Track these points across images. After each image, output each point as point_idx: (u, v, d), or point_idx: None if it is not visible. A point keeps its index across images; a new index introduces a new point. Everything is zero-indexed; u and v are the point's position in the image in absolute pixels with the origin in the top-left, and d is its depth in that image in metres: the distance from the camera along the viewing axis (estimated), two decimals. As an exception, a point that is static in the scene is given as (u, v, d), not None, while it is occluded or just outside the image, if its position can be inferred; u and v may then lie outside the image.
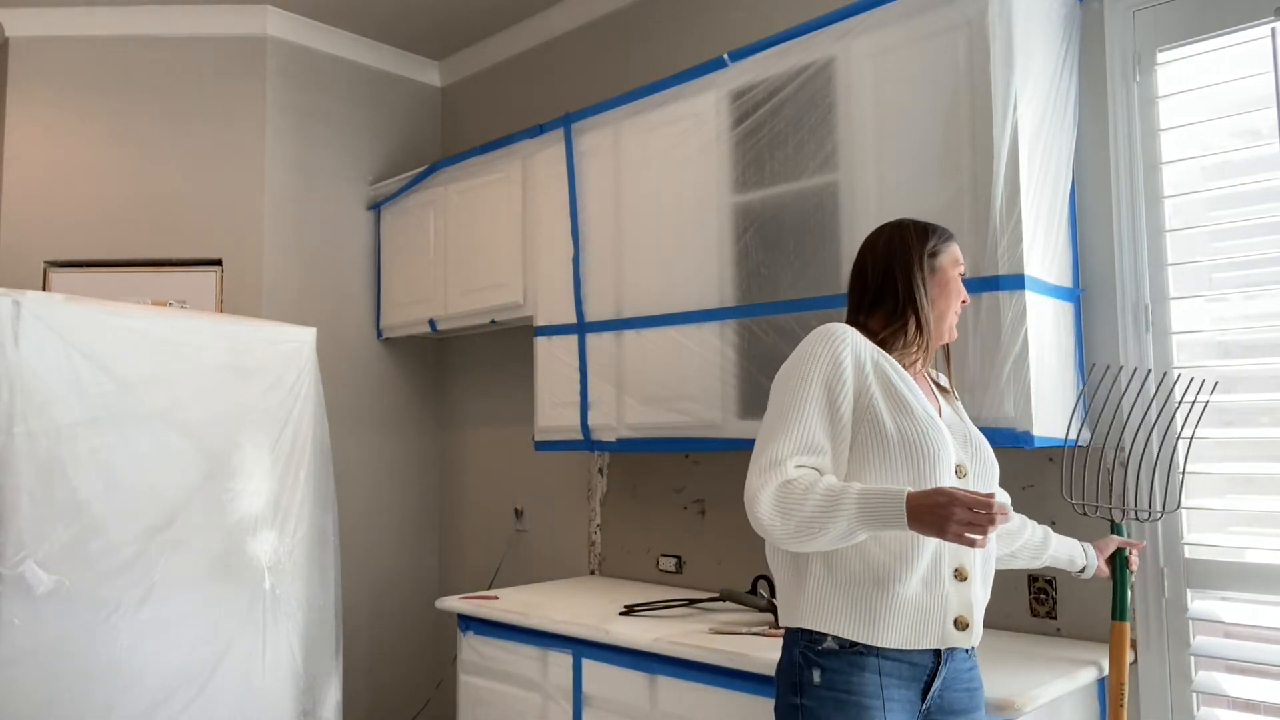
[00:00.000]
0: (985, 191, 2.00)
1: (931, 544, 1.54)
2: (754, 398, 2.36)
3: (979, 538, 1.37)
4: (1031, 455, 2.23)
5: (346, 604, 3.55)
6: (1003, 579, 2.27)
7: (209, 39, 3.52)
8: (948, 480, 1.55)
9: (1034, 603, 2.21)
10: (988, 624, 2.29)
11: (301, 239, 3.56)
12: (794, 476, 1.50)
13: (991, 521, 1.36)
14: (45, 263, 3.40)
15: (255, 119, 3.49)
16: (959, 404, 1.76)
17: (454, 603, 2.71)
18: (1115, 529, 1.95)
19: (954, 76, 2.06)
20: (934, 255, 1.68)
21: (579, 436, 2.83)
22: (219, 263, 3.44)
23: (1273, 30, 1.96)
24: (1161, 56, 2.12)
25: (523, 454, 3.55)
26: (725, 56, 2.51)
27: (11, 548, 2.09)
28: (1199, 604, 2.01)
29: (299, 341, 2.70)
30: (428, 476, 3.90)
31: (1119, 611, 1.88)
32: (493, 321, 3.23)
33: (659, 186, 2.66)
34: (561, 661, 2.41)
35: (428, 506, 3.89)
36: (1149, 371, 2.09)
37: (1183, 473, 1.97)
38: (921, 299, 1.64)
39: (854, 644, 1.52)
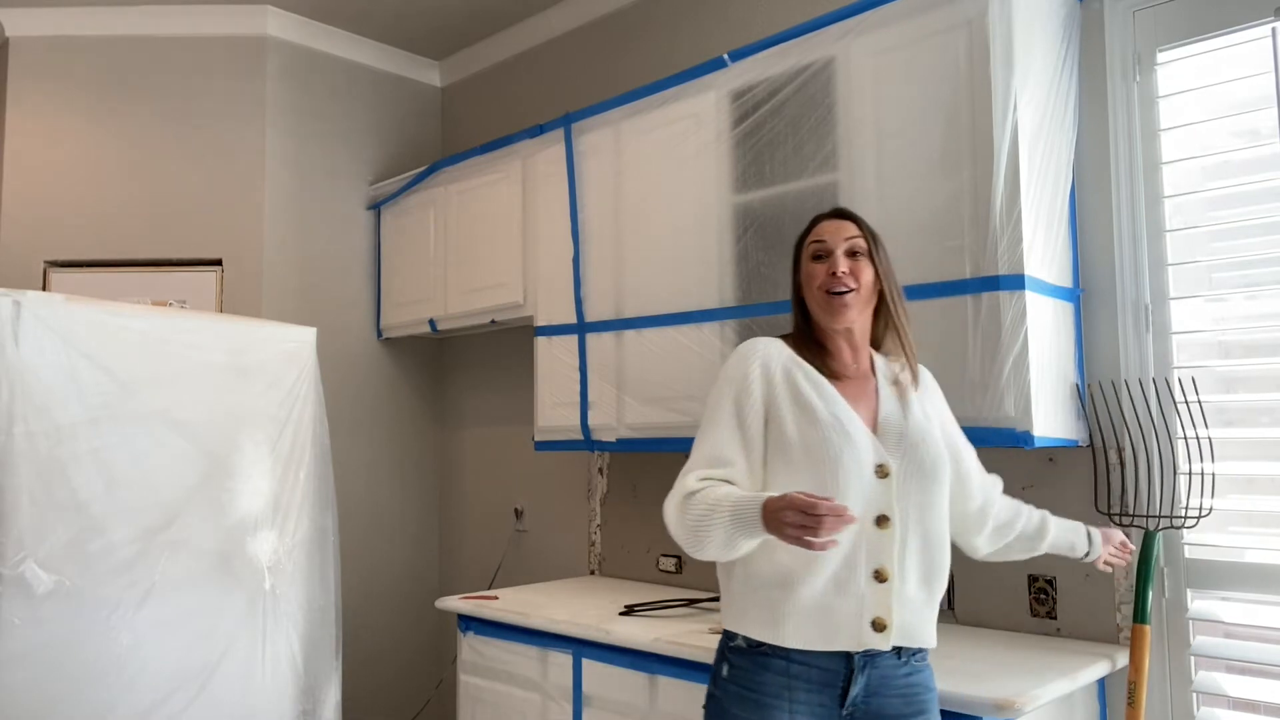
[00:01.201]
0: (985, 191, 2.00)
1: (841, 546, 1.54)
2: (754, 398, 2.36)
3: (814, 540, 1.36)
4: (1032, 455, 2.23)
5: (346, 604, 3.55)
6: (1003, 579, 2.27)
7: (209, 39, 3.51)
8: (853, 482, 1.54)
9: (1034, 603, 2.21)
10: (988, 624, 2.29)
11: (301, 239, 3.56)
12: (695, 489, 1.55)
13: (820, 525, 1.35)
14: (45, 263, 3.40)
15: (255, 119, 3.49)
16: (922, 399, 1.69)
17: (454, 603, 2.71)
18: (1148, 539, 1.95)
19: (954, 76, 2.06)
20: (799, 245, 1.73)
21: (579, 436, 2.83)
22: (219, 263, 3.44)
23: (1273, 30, 1.96)
24: (1161, 56, 2.12)
25: (523, 454, 3.55)
26: (725, 56, 2.51)
27: (11, 548, 2.09)
28: (1199, 604, 2.01)
29: (299, 341, 2.70)
30: (428, 476, 3.90)
31: (1139, 614, 1.90)
32: (493, 321, 3.23)
33: (659, 186, 2.66)
34: (561, 661, 2.42)
35: (428, 506, 3.89)
36: (1179, 378, 2.09)
37: (1212, 475, 1.97)
38: (796, 313, 1.72)
39: (760, 644, 1.56)
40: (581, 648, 2.37)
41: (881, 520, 1.56)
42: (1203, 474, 1.99)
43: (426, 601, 3.84)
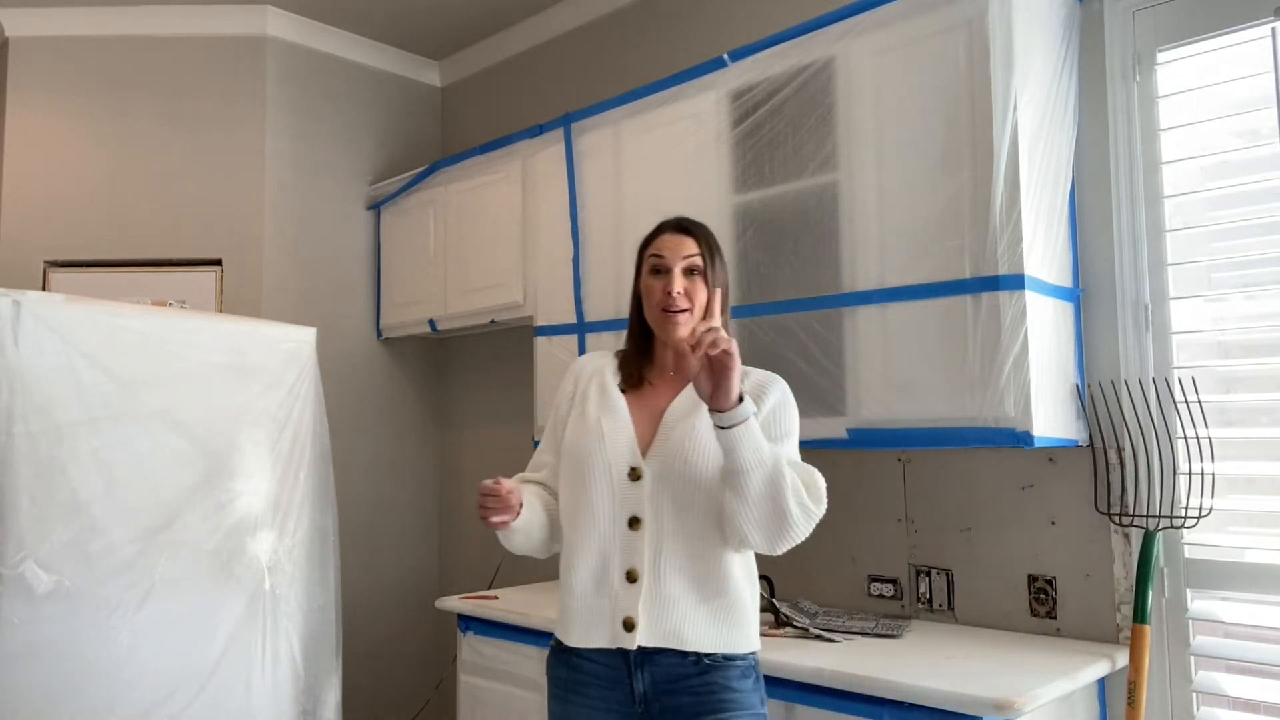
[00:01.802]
0: (985, 191, 2.00)
1: (593, 547, 1.64)
2: (754, 398, 2.36)
3: (488, 519, 1.57)
4: (1032, 455, 2.23)
5: (346, 604, 3.55)
6: (1003, 579, 2.27)
7: (209, 39, 3.51)
8: (601, 483, 1.64)
9: (1034, 603, 2.21)
10: (988, 624, 2.28)
11: (301, 239, 3.56)
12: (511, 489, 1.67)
13: (482, 506, 1.56)
14: (45, 263, 3.40)
15: (255, 119, 3.49)
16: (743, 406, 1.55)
17: (454, 603, 2.71)
18: (1148, 539, 1.95)
19: (954, 76, 2.06)
20: (641, 251, 1.77)
21: (579, 436, 2.82)
22: (219, 263, 3.44)
23: (1273, 30, 1.96)
24: (1161, 56, 2.12)
25: (523, 454, 3.55)
26: (725, 56, 2.51)
27: (11, 548, 2.09)
28: (1199, 604, 2.01)
29: (299, 341, 2.70)
30: (428, 476, 3.90)
31: (1139, 614, 1.91)
32: (493, 321, 3.23)
33: (659, 186, 2.66)
34: (561, 661, 2.41)
35: (428, 506, 3.89)
36: (1180, 378, 2.09)
37: (1212, 475, 1.97)
38: (633, 317, 1.78)
39: (558, 642, 1.70)
40: (581, 648, 2.37)
41: (634, 522, 1.62)
42: (1203, 474, 1.99)
43: (426, 601, 3.84)
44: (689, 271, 1.68)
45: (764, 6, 2.89)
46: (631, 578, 1.60)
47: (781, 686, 1.95)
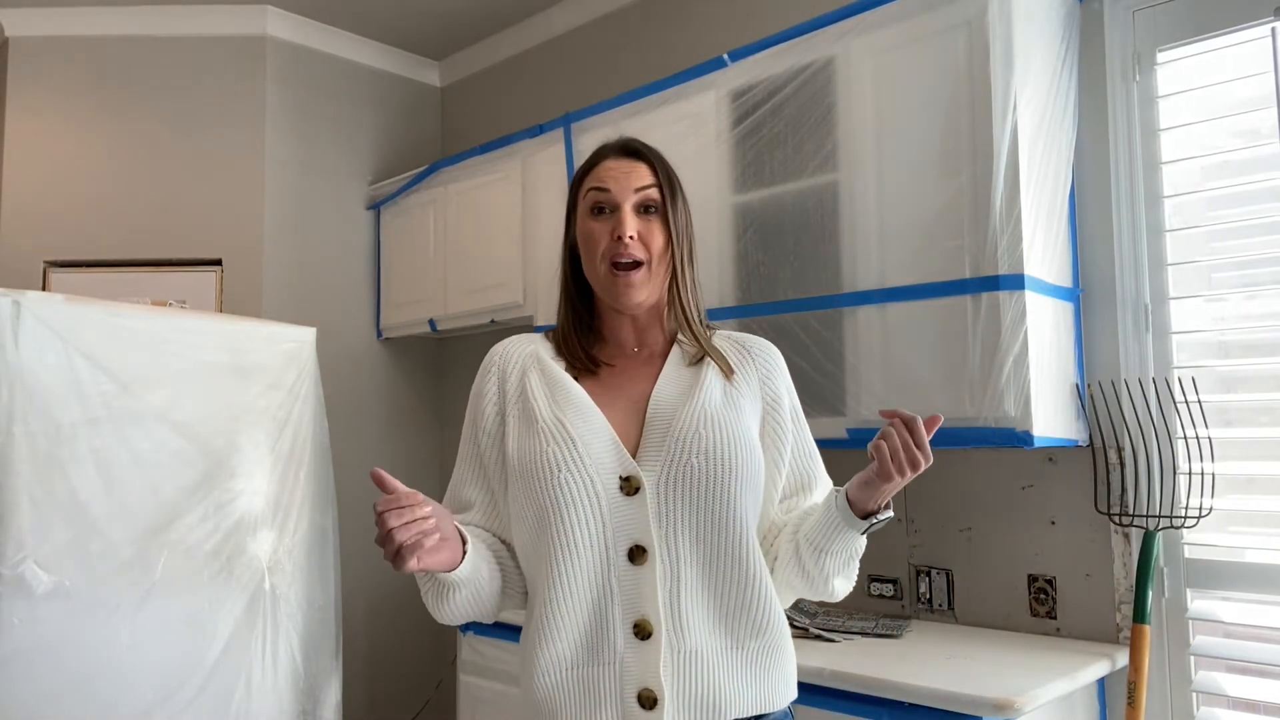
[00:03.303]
0: (985, 191, 2.00)
1: (583, 596, 1.17)
2: (754, 398, 2.36)
3: (396, 561, 1.05)
4: (1032, 455, 2.23)
5: (346, 604, 3.54)
6: (1003, 579, 2.27)
7: (209, 39, 3.51)
8: (582, 504, 1.18)
9: (1034, 603, 2.21)
10: (988, 624, 2.28)
11: (301, 239, 3.56)
12: None
13: (385, 537, 1.03)
14: (45, 263, 3.40)
15: (255, 119, 3.49)
16: (738, 384, 1.30)
17: (454, 603, 2.71)
18: (1148, 539, 1.95)
19: (954, 76, 2.06)
20: (575, 189, 1.33)
21: (579, 436, 2.82)
22: (219, 263, 3.44)
23: (1273, 30, 1.96)
24: (1161, 56, 2.12)
25: (523, 454, 3.54)
26: (725, 56, 2.51)
27: (11, 548, 2.09)
28: (1199, 604, 2.01)
29: (299, 341, 2.70)
30: (428, 476, 3.90)
31: (1139, 614, 1.91)
32: (493, 321, 3.23)
33: (659, 186, 2.65)
34: (561, 661, 2.41)
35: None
36: (1179, 378, 2.09)
37: (1212, 475, 1.97)
38: (566, 269, 1.34)
39: None
40: (581, 648, 2.37)
41: (637, 553, 1.18)
42: (1203, 474, 1.99)
43: (426, 601, 3.84)
44: (643, 208, 1.28)
45: (764, 6, 2.89)
46: (642, 632, 1.16)
47: (781, 686, 1.95)
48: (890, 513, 1.20)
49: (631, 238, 1.25)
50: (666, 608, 1.17)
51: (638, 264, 1.27)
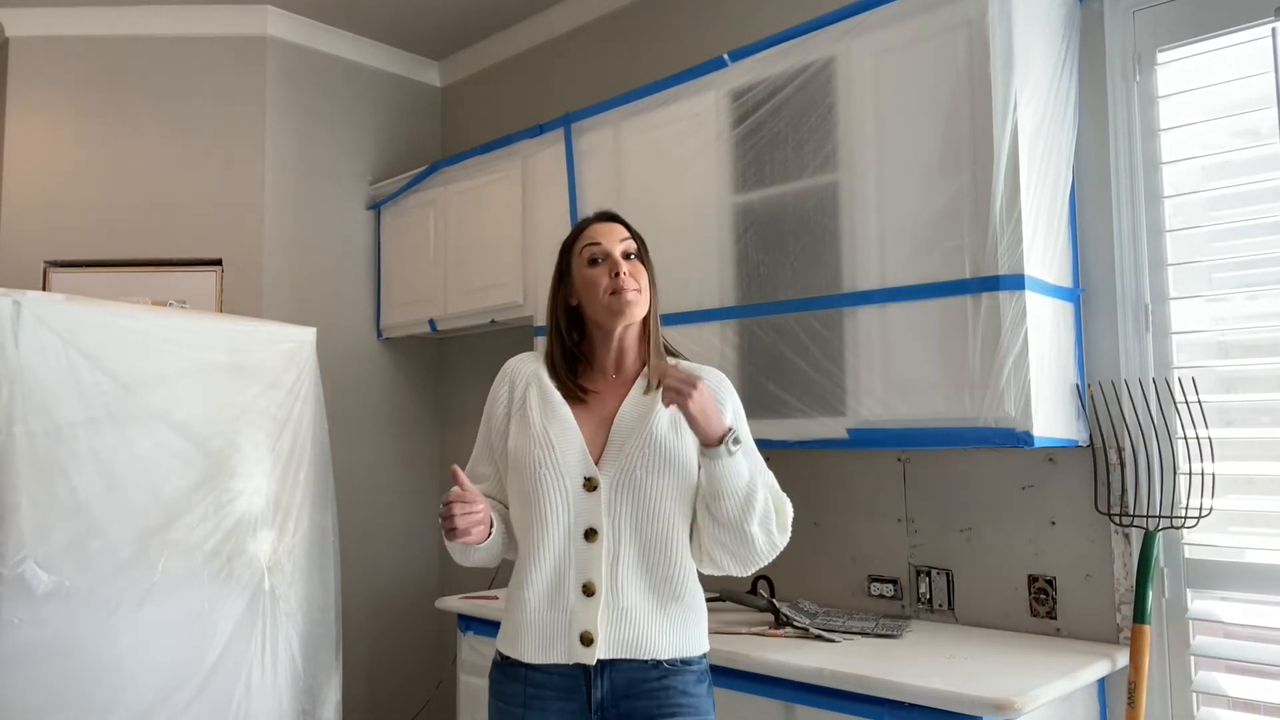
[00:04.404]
0: (985, 191, 2.00)
1: (549, 561, 1.59)
2: (754, 398, 2.36)
3: (454, 530, 1.52)
4: (1032, 455, 2.23)
5: (346, 604, 3.54)
6: (1003, 579, 2.27)
7: (209, 39, 3.51)
8: (554, 494, 1.59)
9: (1034, 603, 2.21)
10: (988, 624, 2.28)
11: (301, 239, 3.56)
12: None
13: (447, 514, 1.51)
14: (45, 263, 3.40)
15: (255, 119, 3.49)
16: (673, 410, 1.64)
17: (454, 603, 2.71)
18: (1148, 539, 1.95)
19: (954, 76, 2.06)
20: (566, 253, 1.73)
21: (579, 436, 2.82)
22: (219, 263, 3.44)
23: (1273, 30, 1.96)
24: (1161, 56, 2.12)
25: (523, 454, 3.54)
26: (725, 56, 2.51)
27: (11, 548, 2.09)
28: (1199, 604, 2.01)
29: (299, 341, 2.70)
30: (428, 476, 3.90)
31: (1139, 614, 1.91)
32: (493, 321, 3.23)
33: (659, 187, 2.66)
34: (561, 661, 2.41)
35: (428, 506, 3.89)
36: (1179, 378, 2.09)
37: (1212, 475, 1.97)
38: (557, 313, 1.73)
39: (506, 657, 1.64)
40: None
41: (590, 534, 1.58)
42: (1203, 474, 1.99)
43: (426, 601, 3.84)
44: (625, 255, 1.67)
45: (764, 6, 2.89)
46: (588, 591, 1.57)
47: (781, 686, 1.95)
48: (734, 441, 1.53)
49: (624, 273, 1.65)
50: (607, 575, 1.58)
51: (634, 289, 1.65)
